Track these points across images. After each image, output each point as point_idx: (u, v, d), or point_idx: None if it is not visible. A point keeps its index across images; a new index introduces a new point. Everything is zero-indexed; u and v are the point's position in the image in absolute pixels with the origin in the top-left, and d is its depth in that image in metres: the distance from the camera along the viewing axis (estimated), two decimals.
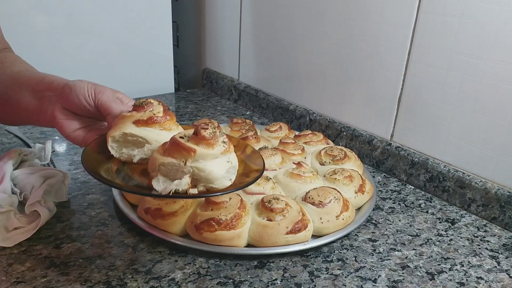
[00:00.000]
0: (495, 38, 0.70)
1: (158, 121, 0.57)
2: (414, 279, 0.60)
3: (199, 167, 0.51)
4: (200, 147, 0.51)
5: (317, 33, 1.00)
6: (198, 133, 0.51)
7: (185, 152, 0.50)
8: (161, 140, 0.55)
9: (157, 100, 0.60)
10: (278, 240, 0.62)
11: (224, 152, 0.52)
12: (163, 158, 0.51)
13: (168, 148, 0.52)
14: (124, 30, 1.20)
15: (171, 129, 0.57)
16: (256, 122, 1.14)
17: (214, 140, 0.51)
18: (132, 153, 0.57)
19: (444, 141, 0.80)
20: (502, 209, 0.72)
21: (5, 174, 0.69)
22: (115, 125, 0.57)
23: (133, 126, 0.56)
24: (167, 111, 0.58)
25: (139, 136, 0.55)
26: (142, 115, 0.56)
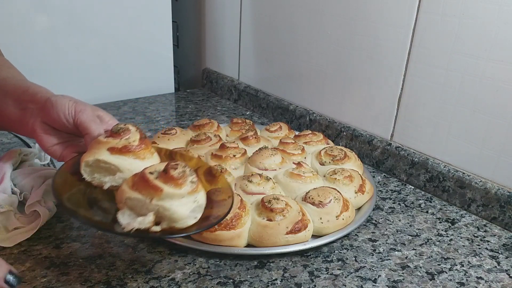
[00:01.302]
0: (495, 38, 0.70)
1: (132, 150, 0.56)
2: (414, 279, 0.60)
3: (164, 206, 0.50)
4: (168, 187, 0.50)
5: (317, 33, 1.00)
6: (167, 171, 0.51)
7: (152, 190, 0.50)
8: (133, 169, 0.55)
9: (136, 127, 0.59)
10: (278, 240, 0.62)
11: (191, 192, 0.52)
12: (130, 192, 0.51)
13: (137, 182, 0.52)
14: (124, 30, 1.20)
15: (145, 158, 0.57)
16: (256, 122, 1.14)
17: (182, 180, 0.51)
18: (103, 179, 0.57)
19: (444, 141, 0.80)
20: (502, 209, 0.72)
21: (5, 174, 0.69)
22: (90, 149, 0.57)
23: (107, 153, 0.56)
24: (143, 140, 0.58)
25: (112, 164, 0.55)
26: (118, 143, 0.56)
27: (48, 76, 1.12)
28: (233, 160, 0.79)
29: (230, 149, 0.80)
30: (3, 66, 0.71)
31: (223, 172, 0.73)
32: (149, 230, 0.51)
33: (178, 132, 0.90)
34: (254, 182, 0.71)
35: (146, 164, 0.55)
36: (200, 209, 0.54)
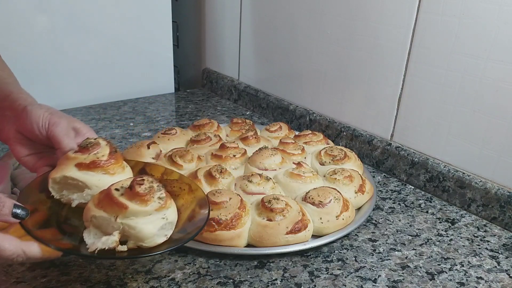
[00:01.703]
0: (495, 38, 0.70)
1: (101, 166, 0.54)
2: (414, 279, 0.60)
3: (130, 224, 0.48)
4: (133, 203, 0.48)
5: (317, 33, 1.00)
6: (132, 188, 0.49)
7: (117, 207, 0.48)
8: (101, 185, 0.53)
9: (106, 140, 0.57)
10: (278, 240, 0.62)
11: (159, 209, 0.50)
12: (95, 210, 0.49)
13: (102, 200, 0.50)
14: (124, 30, 1.20)
15: (114, 174, 0.55)
16: (256, 122, 1.14)
17: (148, 196, 0.49)
18: (71, 197, 0.54)
19: (444, 141, 0.80)
20: (502, 209, 0.72)
21: (5, 174, 0.69)
22: (59, 165, 0.55)
23: (74, 169, 0.54)
24: (112, 154, 0.56)
25: (79, 180, 0.53)
26: (86, 158, 0.54)
27: (48, 76, 1.12)
28: (233, 160, 0.79)
29: (230, 149, 0.81)
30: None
31: (220, 176, 0.73)
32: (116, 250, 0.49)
33: (178, 132, 0.90)
34: (254, 182, 0.71)
35: (116, 180, 0.53)
36: (171, 225, 0.52)
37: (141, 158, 0.79)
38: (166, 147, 0.85)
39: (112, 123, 1.09)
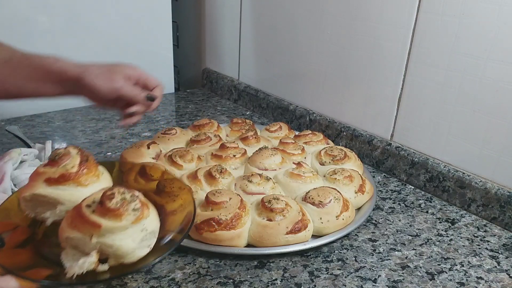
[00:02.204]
0: (495, 38, 0.70)
1: (71, 178, 0.50)
2: (414, 279, 0.60)
3: (106, 243, 0.45)
4: (106, 220, 0.45)
5: (317, 33, 1.00)
6: (103, 203, 0.46)
7: (89, 226, 0.45)
8: (74, 199, 0.49)
9: (77, 148, 0.54)
10: (278, 240, 0.62)
11: (136, 221, 0.47)
12: (69, 231, 0.46)
13: (74, 219, 0.47)
14: (124, 30, 1.20)
15: (88, 184, 0.51)
16: (256, 122, 1.14)
17: (122, 210, 0.46)
18: (44, 215, 0.51)
19: (444, 141, 0.80)
20: (502, 209, 0.72)
21: (5, 174, 0.70)
22: (29, 182, 0.52)
23: (44, 185, 0.50)
24: (84, 164, 0.52)
25: (49, 197, 0.50)
26: (54, 172, 0.51)
27: None
28: (233, 160, 0.79)
29: (230, 149, 0.81)
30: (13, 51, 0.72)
31: (219, 176, 0.73)
32: (96, 271, 0.46)
33: (178, 132, 0.90)
34: (254, 182, 0.71)
35: (90, 191, 0.50)
36: (153, 234, 0.49)
37: (141, 158, 0.79)
38: (166, 147, 0.85)
39: (112, 123, 1.09)
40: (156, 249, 0.50)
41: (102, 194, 0.47)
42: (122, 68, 0.74)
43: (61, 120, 1.10)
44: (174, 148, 0.83)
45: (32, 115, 1.11)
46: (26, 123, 1.06)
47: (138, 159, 0.79)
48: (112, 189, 0.47)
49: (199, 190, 0.70)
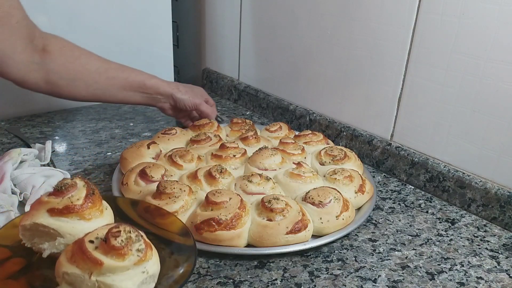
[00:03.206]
0: (495, 38, 0.70)
1: (75, 211, 0.49)
2: (414, 279, 0.60)
3: (106, 283, 0.44)
4: (109, 259, 0.44)
5: (317, 33, 1.00)
6: (108, 241, 0.44)
7: (91, 263, 0.43)
8: (75, 233, 0.49)
9: (84, 180, 0.53)
10: (278, 240, 0.62)
11: (138, 263, 0.45)
12: (67, 266, 0.45)
13: (74, 253, 0.45)
14: (124, 30, 1.20)
15: (91, 219, 0.51)
16: (256, 122, 1.14)
17: (126, 250, 0.44)
18: (41, 246, 0.50)
19: (444, 141, 0.80)
20: (502, 209, 0.72)
21: (5, 174, 0.70)
22: (31, 210, 0.51)
23: (46, 215, 0.49)
24: (89, 197, 0.51)
25: (50, 228, 0.49)
26: (59, 203, 0.50)
27: None
28: (233, 160, 0.79)
29: (230, 149, 0.81)
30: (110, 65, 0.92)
31: (220, 175, 0.73)
32: None
33: (178, 132, 0.90)
34: (254, 182, 0.71)
35: (93, 226, 0.49)
36: (152, 279, 0.48)
37: (141, 158, 0.79)
38: (166, 147, 0.85)
39: (112, 123, 1.09)
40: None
41: (108, 230, 0.46)
42: (200, 90, 1.04)
43: (61, 120, 1.10)
44: (174, 148, 0.83)
45: (32, 115, 1.11)
46: (26, 123, 1.06)
47: (138, 159, 0.79)
48: (118, 226, 0.46)
49: (199, 190, 0.70)
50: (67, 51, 0.87)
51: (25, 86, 0.84)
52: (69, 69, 0.86)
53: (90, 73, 0.88)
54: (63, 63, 0.85)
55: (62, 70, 0.85)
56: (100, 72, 0.89)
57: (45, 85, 0.85)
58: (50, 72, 0.84)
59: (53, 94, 0.88)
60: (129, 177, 0.73)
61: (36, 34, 0.83)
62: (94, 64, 0.89)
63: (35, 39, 0.82)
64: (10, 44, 0.77)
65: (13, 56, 0.78)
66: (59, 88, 0.86)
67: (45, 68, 0.83)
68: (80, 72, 0.87)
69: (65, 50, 0.87)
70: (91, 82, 0.88)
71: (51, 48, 0.84)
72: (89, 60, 0.89)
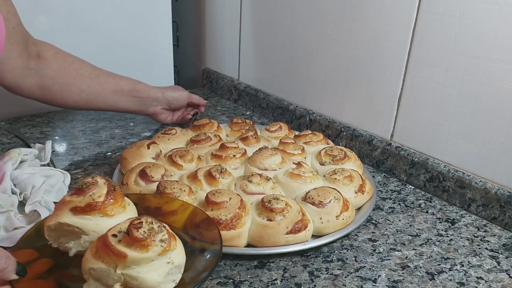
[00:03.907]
0: (495, 38, 0.70)
1: (97, 208, 0.50)
2: (414, 279, 0.60)
3: (131, 275, 0.44)
4: (132, 251, 0.44)
5: (317, 33, 1.00)
6: (130, 233, 0.45)
7: (115, 256, 0.44)
8: (99, 230, 0.49)
9: (105, 178, 0.53)
10: (278, 240, 0.62)
11: (162, 253, 0.45)
12: (93, 261, 0.45)
13: (99, 249, 0.45)
14: (124, 30, 1.20)
15: (114, 215, 0.51)
16: (256, 122, 1.14)
17: (149, 241, 0.44)
18: (68, 245, 0.51)
19: (444, 141, 0.80)
20: (502, 209, 0.72)
21: (5, 174, 0.70)
22: (54, 211, 0.52)
23: (69, 215, 0.50)
24: (110, 193, 0.51)
25: (75, 226, 0.49)
26: (81, 201, 0.50)
27: None
28: (233, 160, 0.79)
29: (230, 149, 0.81)
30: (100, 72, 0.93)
31: (219, 176, 0.73)
32: None
33: (178, 132, 0.90)
34: (254, 182, 0.71)
35: (116, 222, 0.49)
36: (178, 269, 0.48)
37: (141, 158, 0.79)
38: (166, 147, 0.85)
39: (112, 123, 1.09)
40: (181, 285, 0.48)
41: (129, 223, 0.46)
42: (177, 86, 1.08)
43: (61, 120, 1.10)
44: (174, 148, 0.83)
45: (32, 115, 1.11)
46: (26, 123, 1.07)
47: (138, 159, 0.79)
48: (139, 218, 0.46)
49: (199, 190, 0.70)
50: (60, 57, 0.88)
51: (18, 91, 0.85)
52: (63, 74, 0.87)
53: (83, 78, 0.90)
54: (58, 68, 0.87)
55: (57, 75, 0.87)
56: (93, 77, 0.91)
57: (39, 91, 0.86)
58: (45, 77, 0.85)
59: (46, 100, 0.89)
60: (129, 177, 0.73)
61: (30, 40, 0.84)
62: (87, 70, 0.91)
63: (29, 46, 0.84)
64: (6, 49, 0.77)
65: (7, 62, 0.79)
66: (52, 94, 0.87)
67: (40, 74, 0.85)
68: (73, 77, 0.89)
69: (58, 56, 0.88)
70: (84, 87, 0.90)
71: (45, 54, 0.86)
72: (81, 66, 0.91)
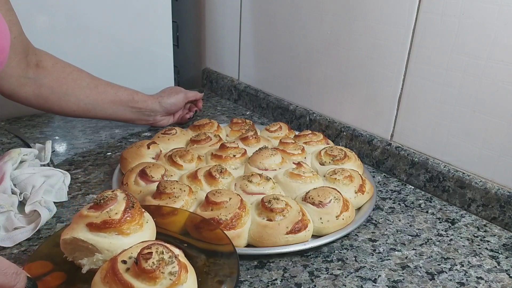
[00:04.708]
0: (495, 38, 0.70)
1: (113, 225, 0.48)
2: (414, 279, 0.60)
3: None
4: (139, 282, 0.42)
5: (317, 33, 1.00)
6: (138, 263, 0.43)
7: (121, 286, 0.42)
8: (113, 249, 0.48)
9: (125, 193, 0.52)
10: (278, 240, 0.62)
11: (171, 286, 0.43)
12: (100, 286, 0.44)
13: (107, 273, 0.44)
14: (124, 30, 1.20)
15: (129, 234, 0.49)
16: (256, 122, 1.14)
17: (157, 273, 0.42)
18: (81, 261, 0.50)
19: (444, 141, 0.80)
20: (502, 209, 0.72)
21: (5, 174, 0.70)
22: (72, 224, 0.51)
23: (85, 230, 0.48)
24: (128, 210, 0.50)
25: (88, 243, 0.48)
26: (97, 217, 0.49)
27: None
28: (233, 160, 0.79)
29: (230, 149, 0.81)
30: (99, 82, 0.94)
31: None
32: None
33: (178, 132, 0.90)
34: (254, 182, 0.71)
35: (132, 241, 0.48)
36: None
37: (141, 158, 0.79)
38: (166, 147, 0.85)
39: (112, 123, 1.09)
40: None
41: (139, 252, 0.44)
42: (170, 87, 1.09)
43: (61, 120, 1.10)
44: (174, 148, 0.83)
45: (32, 115, 1.11)
46: (26, 123, 1.07)
47: (138, 159, 0.79)
48: (150, 247, 0.44)
49: (199, 190, 0.70)
50: (59, 67, 0.88)
51: (14, 99, 0.85)
52: (61, 84, 0.87)
53: (81, 88, 0.90)
54: (56, 78, 0.87)
55: (55, 85, 0.87)
56: (91, 87, 0.91)
57: (35, 99, 0.86)
58: (42, 86, 0.85)
59: (43, 108, 0.89)
60: (129, 177, 0.73)
61: (30, 50, 0.84)
62: (85, 80, 0.91)
63: (29, 55, 0.84)
64: None
65: (5, 70, 0.79)
66: (50, 103, 0.87)
67: (38, 83, 0.85)
68: (71, 86, 0.89)
69: (57, 66, 0.88)
70: (82, 96, 0.90)
71: (45, 64, 0.86)
72: (80, 76, 0.91)
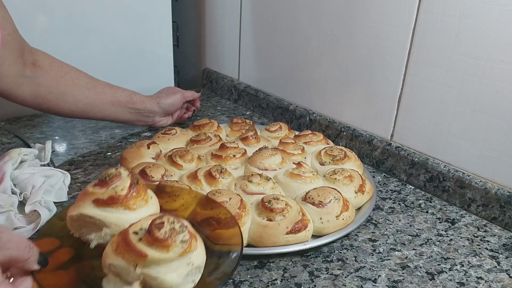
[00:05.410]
0: (495, 38, 0.70)
1: (119, 201, 0.49)
2: (414, 279, 0.60)
3: (151, 275, 0.44)
4: (153, 250, 0.43)
5: (317, 33, 1.00)
6: (151, 232, 0.44)
7: (135, 255, 0.43)
8: (121, 224, 0.49)
9: (128, 171, 0.53)
10: (278, 240, 0.62)
11: (183, 254, 0.44)
12: (113, 257, 0.45)
13: (119, 245, 0.45)
14: (124, 30, 1.20)
15: (136, 209, 0.50)
16: (256, 122, 1.14)
17: (170, 241, 0.44)
18: (89, 236, 0.50)
19: (444, 141, 0.80)
20: (502, 209, 0.72)
21: (5, 174, 0.70)
22: (77, 201, 0.51)
23: (91, 206, 0.49)
24: (133, 186, 0.51)
25: (96, 219, 0.49)
26: (103, 193, 0.49)
27: None
28: (233, 160, 0.79)
29: (230, 149, 0.81)
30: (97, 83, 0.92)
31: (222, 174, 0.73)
32: None
33: (178, 132, 0.90)
34: (254, 182, 0.71)
35: (138, 215, 0.49)
36: (198, 269, 0.47)
37: (141, 158, 0.79)
38: (166, 147, 0.85)
39: (112, 123, 1.09)
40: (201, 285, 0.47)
41: (151, 222, 0.45)
42: (168, 87, 1.09)
43: (61, 120, 1.10)
44: (174, 148, 0.83)
45: (32, 115, 1.11)
46: (26, 123, 1.07)
47: (138, 159, 0.79)
48: (161, 217, 0.45)
49: (199, 190, 0.70)
50: (56, 67, 0.87)
51: (12, 99, 0.83)
52: (59, 84, 0.86)
53: (79, 88, 0.88)
54: (54, 78, 0.85)
55: (52, 85, 0.85)
56: (89, 88, 0.89)
57: (33, 99, 0.84)
58: (40, 86, 0.83)
59: (41, 108, 0.87)
60: None
61: (25, 48, 0.83)
62: (83, 80, 0.89)
63: (25, 54, 0.82)
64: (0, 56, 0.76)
65: (1, 69, 0.77)
66: (48, 103, 0.85)
67: (35, 82, 0.83)
68: (69, 86, 0.87)
69: (54, 65, 0.87)
70: (81, 97, 0.88)
71: (41, 63, 0.84)
72: (78, 75, 0.89)
